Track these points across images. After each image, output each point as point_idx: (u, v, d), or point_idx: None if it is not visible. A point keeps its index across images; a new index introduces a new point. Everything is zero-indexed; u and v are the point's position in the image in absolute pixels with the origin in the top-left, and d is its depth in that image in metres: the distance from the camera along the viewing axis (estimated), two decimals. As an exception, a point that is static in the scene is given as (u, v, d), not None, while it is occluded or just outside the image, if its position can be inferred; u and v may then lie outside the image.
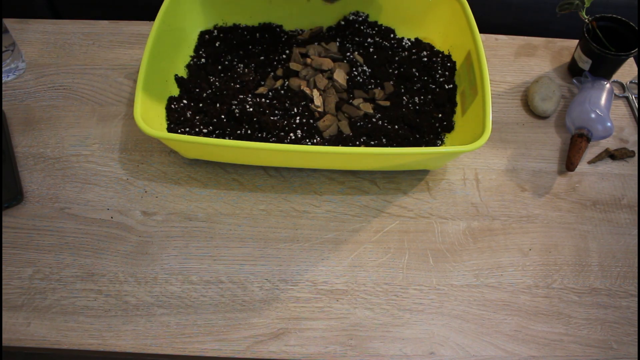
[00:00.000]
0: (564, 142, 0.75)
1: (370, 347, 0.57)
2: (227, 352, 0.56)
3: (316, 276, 0.62)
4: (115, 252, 0.62)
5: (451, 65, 0.76)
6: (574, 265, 0.64)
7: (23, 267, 0.61)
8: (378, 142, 0.68)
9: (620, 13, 0.79)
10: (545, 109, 0.75)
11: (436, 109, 0.72)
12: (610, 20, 0.78)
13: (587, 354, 0.58)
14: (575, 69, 0.80)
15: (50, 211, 0.65)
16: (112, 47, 0.82)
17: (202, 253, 0.63)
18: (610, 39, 0.77)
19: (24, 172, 0.68)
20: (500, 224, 0.67)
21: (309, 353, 0.57)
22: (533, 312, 0.60)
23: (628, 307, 0.61)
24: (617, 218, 0.68)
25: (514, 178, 0.71)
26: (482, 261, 0.63)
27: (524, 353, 0.58)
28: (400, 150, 0.60)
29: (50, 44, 0.82)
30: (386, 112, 0.71)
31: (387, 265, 0.63)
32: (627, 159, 0.73)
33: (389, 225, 0.66)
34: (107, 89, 0.77)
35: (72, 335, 0.57)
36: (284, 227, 0.65)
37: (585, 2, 0.73)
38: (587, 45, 0.76)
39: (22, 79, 0.78)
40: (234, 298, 0.60)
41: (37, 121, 0.73)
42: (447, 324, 0.59)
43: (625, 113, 0.79)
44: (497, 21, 1.05)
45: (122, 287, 0.60)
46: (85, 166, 0.69)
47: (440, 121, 0.71)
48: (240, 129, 0.67)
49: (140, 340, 0.57)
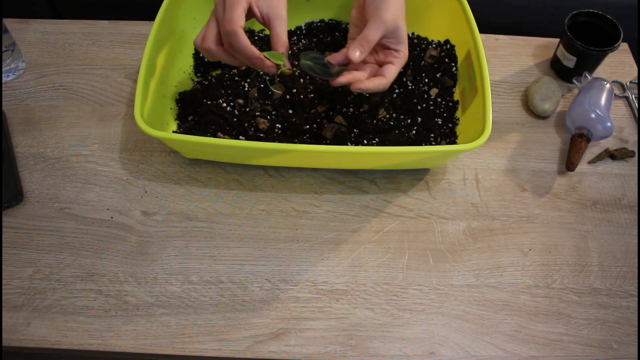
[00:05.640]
0: (564, 142, 0.75)
1: (370, 347, 0.57)
2: (227, 352, 0.56)
3: (316, 276, 0.62)
4: (115, 252, 0.62)
5: (452, 61, 0.75)
6: (574, 265, 0.64)
7: (23, 267, 0.61)
8: (379, 140, 0.68)
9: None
10: (545, 109, 0.75)
11: (437, 108, 0.72)
12: (589, 15, 0.78)
13: (587, 354, 0.58)
14: (558, 67, 0.81)
15: (50, 211, 0.65)
16: (112, 47, 0.82)
17: (202, 253, 0.63)
18: (589, 34, 0.77)
19: (24, 172, 0.68)
20: (500, 224, 0.67)
21: (309, 353, 0.57)
22: (533, 312, 0.60)
23: (628, 307, 0.61)
24: (617, 218, 0.68)
25: (514, 178, 0.71)
26: (482, 261, 0.63)
27: (524, 353, 0.58)
28: (400, 149, 0.60)
29: (50, 44, 0.82)
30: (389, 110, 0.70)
31: (387, 265, 0.63)
32: (627, 159, 0.73)
33: (389, 225, 0.66)
34: (107, 89, 0.77)
35: (72, 335, 0.57)
36: (284, 227, 0.65)
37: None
38: (571, 43, 0.76)
39: (22, 79, 0.78)
40: (234, 298, 0.60)
41: (37, 121, 0.73)
42: (447, 324, 0.59)
43: (625, 113, 0.79)
44: (497, 21, 1.05)
45: (122, 287, 0.60)
46: (85, 166, 0.69)
47: (442, 120, 0.70)
48: (241, 129, 0.67)
49: (140, 340, 0.57)
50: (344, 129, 0.67)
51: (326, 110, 0.69)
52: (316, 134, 0.67)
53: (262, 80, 0.70)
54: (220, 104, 0.69)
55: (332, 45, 0.76)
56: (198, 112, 0.69)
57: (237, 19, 0.54)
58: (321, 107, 0.69)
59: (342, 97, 0.70)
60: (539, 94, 0.76)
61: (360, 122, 0.68)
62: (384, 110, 0.70)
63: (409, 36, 0.79)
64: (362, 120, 0.68)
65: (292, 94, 0.70)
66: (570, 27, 0.77)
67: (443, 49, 0.77)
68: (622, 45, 0.85)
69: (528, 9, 1.02)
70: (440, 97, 0.72)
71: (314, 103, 0.69)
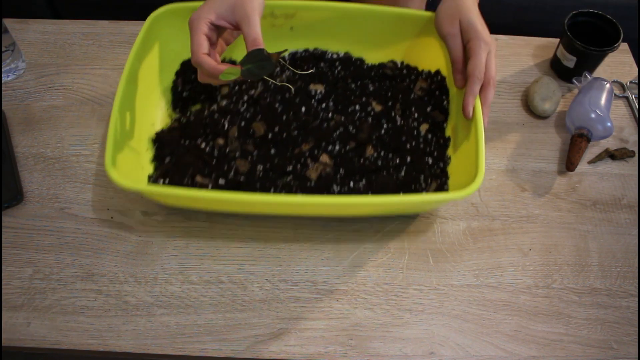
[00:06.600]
0: (564, 142, 0.75)
1: (370, 347, 0.57)
2: (227, 352, 0.56)
3: (316, 276, 0.62)
4: (115, 252, 0.62)
5: (443, 94, 0.71)
6: (574, 265, 0.64)
7: (23, 267, 0.61)
8: (366, 181, 0.63)
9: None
10: (545, 109, 0.75)
11: (427, 146, 0.67)
12: (589, 15, 0.78)
13: (587, 354, 0.58)
14: (558, 67, 0.81)
15: (50, 211, 0.65)
16: (112, 47, 0.82)
17: (202, 253, 0.63)
18: (589, 34, 0.77)
19: (24, 172, 0.68)
20: (500, 224, 0.67)
21: (309, 353, 0.57)
22: (533, 312, 0.60)
23: (628, 307, 0.61)
24: (617, 218, 0.68)
25: (514, 178, 0.71)
26: (482, 261, 0.63)
27: (524, 353, 0.58)
28: (385, 199, 0.57)
29: (50, 44, 0.82)
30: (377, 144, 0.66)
31: (387, 265, 0.63)
32: (627, 159, 0.73)
33: (389, 225, 0.66)
34: (107, 89, 0.77)
35: (72, 335, 0.57)
36: (284, 227, 0.65)
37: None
38: (571, 43, 0.76)
39: (22, 79, 0.78)
40: (234, 298, 0.60)
41: (37, 121, 0.73)
42: (447, 324, 0.59)
43: (625, 113, 0.79)
44: (497, 21, 1.05)
45: (122, 287, 0.60)
46: (85, 166, 0.69)
47: (433, 159, 0.66)
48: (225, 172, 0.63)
49: (140, 340, 0.57)
50: (329, 169, 0.63)
51: (311, 148, 0.65)
52: (300, 175, 0.63)
53: (242, 117, 0.67)
54: (199, 144, 0.65)
55: (317, 77, 0.72)
56: (175, 153, 0.65)
57: (197, 48, 0.56)
58: (305, 145, 0.65)
59: (327, 133, 0.66)
60: (539, 94, 0.76)
61: (347, 161, 0.64)
62: (372, 148, 0.66)
63: (399, 65, 0.76)
64: (349, 159, 0.65)
65: (274, 132, 0.66)
66: (570, 27, 0.77)
67: (433, 81, 0.73)
68: (622, 45, 0.86)
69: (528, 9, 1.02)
70: (431, 132, 0.68)
71: (298, 141, 0.65)
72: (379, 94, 0.71)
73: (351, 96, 0.71)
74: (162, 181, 0.62)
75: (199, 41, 0.56)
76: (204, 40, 0.56)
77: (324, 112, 0.69)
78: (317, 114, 0.68)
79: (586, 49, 0.74)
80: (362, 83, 0.73)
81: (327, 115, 0.68)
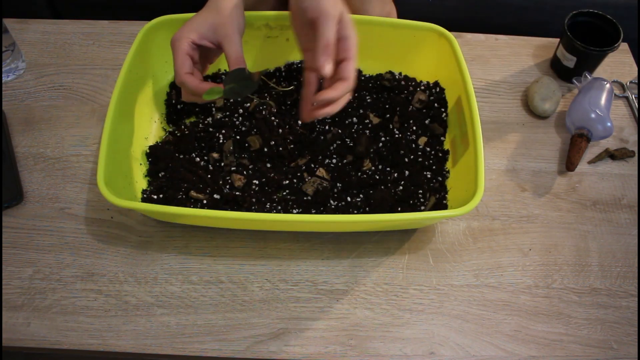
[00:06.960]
0: (564, 142, 0.75)
1: (370, 347, 0.57)
2: (227, 352, 0.56)
3: (316, 276, 0.62)
4: (115, 252, 0.62)
5: (442, 106, 0.71)
6: (574, 265, 0.64)
7: (23, 267, 0.61)
8: (364, 196, 0.63)
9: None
10: (545, 109, 0.75)
11: (425, 159, 0.66)
12: (589, 15, 0.78)
13: (587, 354, 0.58)
14: (558, 67, 0.81)
15: (50, 211, 0.65)
16: (112, 47, 0.82)
17: (202, 253, 0.63)
18: (589, 34, 0.77)
19: (24, 172, 0.68)
20: (500, 224, 0.67)
21: (309, 353, 0.57)
22: (533, 312, 0.60)
23: (628, 307, 0.61)
24: (617, 218, 0.68)
25: (514, 178, 0.71)
26: (482, 261, 0.63)
27: (524, 353, 0.58)
28: (382, 217, 0.55)
29: (50, 44, 0.82)
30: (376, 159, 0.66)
31: (387, 265, 0.63)
32: (627, 159, 0.73)
33: (389, 225, 0.66)
34: (107, 89, 0.77)
35: (72, 335, 0.57)
36: (284, 227, 0.65)
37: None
38: (571, 43, 0.76)
39: (22, 79, 0.78)
40: (234, 298, 0.60)
41: (37, 121, 0.73)
42: (447, 324, 0.59)
43: (625, 113, 0.79)
44: (497, 21, 1.05)
45: (122, 287, 0.60)
46: (85, 166, 0.69)
47: (432, 172, 0.66)
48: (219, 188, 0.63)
49: (140, 340, 0.57)
50: (326, 183, 0.63)
51: (307, 162, 0.65)
52: (296, 190, 0.63)
53: (238, 130, 0.67)
54: (193, 158, 0.65)
55: None
56: (170, 168, 0.64)
57: (180, 68, 0.55)
58: (302, 159, 0.65)
59: (324, 146, 0.66)
60: (539, 94, 0.76)
61: (344, 176, 0.64)
62: (369, 162, 0.65)
63: (397, 76, 0.75)
64: (346, 173, 0.64)
65: (270, 145, 0.65)
66: (570, 27, 0.77)
67: (432, 93, 0.72)
68: (622, 45, 0.85)
69: (528, 9, 1.02)
70: (429, 146, 0.67)
71: (294, 155, 0.65)
72: (376, 106, 0.71)
73: (348, 108, 0.70)
74: (156, 197, 0.62)
75: (181, 61, 0.56)
76: (186, 59, 0.56)
77: (321, 124, 0.68)
78: (313, 127, 0.68)
79: (586, 49, 0.74)
80: (360, 95, 0.72)
81: (323, 128, 0.68)
